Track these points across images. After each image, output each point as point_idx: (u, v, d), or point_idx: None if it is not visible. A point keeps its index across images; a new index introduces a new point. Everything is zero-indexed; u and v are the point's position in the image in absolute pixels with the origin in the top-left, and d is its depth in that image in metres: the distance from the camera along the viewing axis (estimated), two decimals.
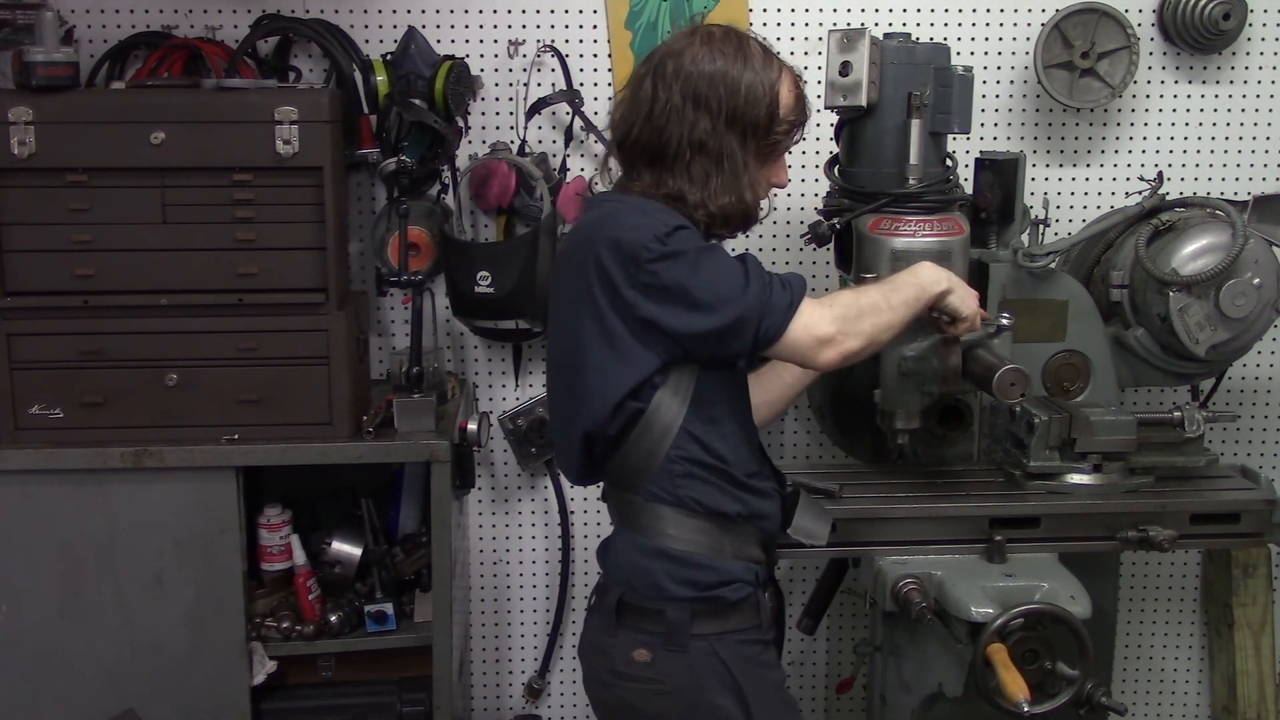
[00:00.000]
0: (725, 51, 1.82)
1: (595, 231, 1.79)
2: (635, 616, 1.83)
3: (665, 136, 1.81)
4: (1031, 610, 2.01)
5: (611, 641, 1.85)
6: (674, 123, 1.80)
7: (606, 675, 1.86)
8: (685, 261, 1.72)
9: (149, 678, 2.34)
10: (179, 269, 2.28)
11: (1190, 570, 3.01)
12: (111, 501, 2.29)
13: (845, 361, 1.82)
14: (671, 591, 1.81)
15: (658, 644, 1.81)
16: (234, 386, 2.31)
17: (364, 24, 2.65)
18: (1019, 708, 1.93)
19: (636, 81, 1.86)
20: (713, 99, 1.80)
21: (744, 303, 1.73)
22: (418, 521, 2.58)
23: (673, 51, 1.84)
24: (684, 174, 1.82)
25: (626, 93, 1.88)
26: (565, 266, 1.87)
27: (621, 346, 1.75)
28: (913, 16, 2.71)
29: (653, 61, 1.85)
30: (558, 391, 1.91)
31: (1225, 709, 2.97)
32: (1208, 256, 2.30)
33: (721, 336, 1.75)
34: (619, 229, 1.75)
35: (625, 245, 1.73)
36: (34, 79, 2.20)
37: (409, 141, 2.54)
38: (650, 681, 1.81)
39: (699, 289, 1.72)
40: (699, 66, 1.81)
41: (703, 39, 1.84)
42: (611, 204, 1.85)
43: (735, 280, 1.75)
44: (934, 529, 2.22)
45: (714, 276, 1.74)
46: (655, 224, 1.74)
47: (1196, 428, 2.34)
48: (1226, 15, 2.64)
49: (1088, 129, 2.79)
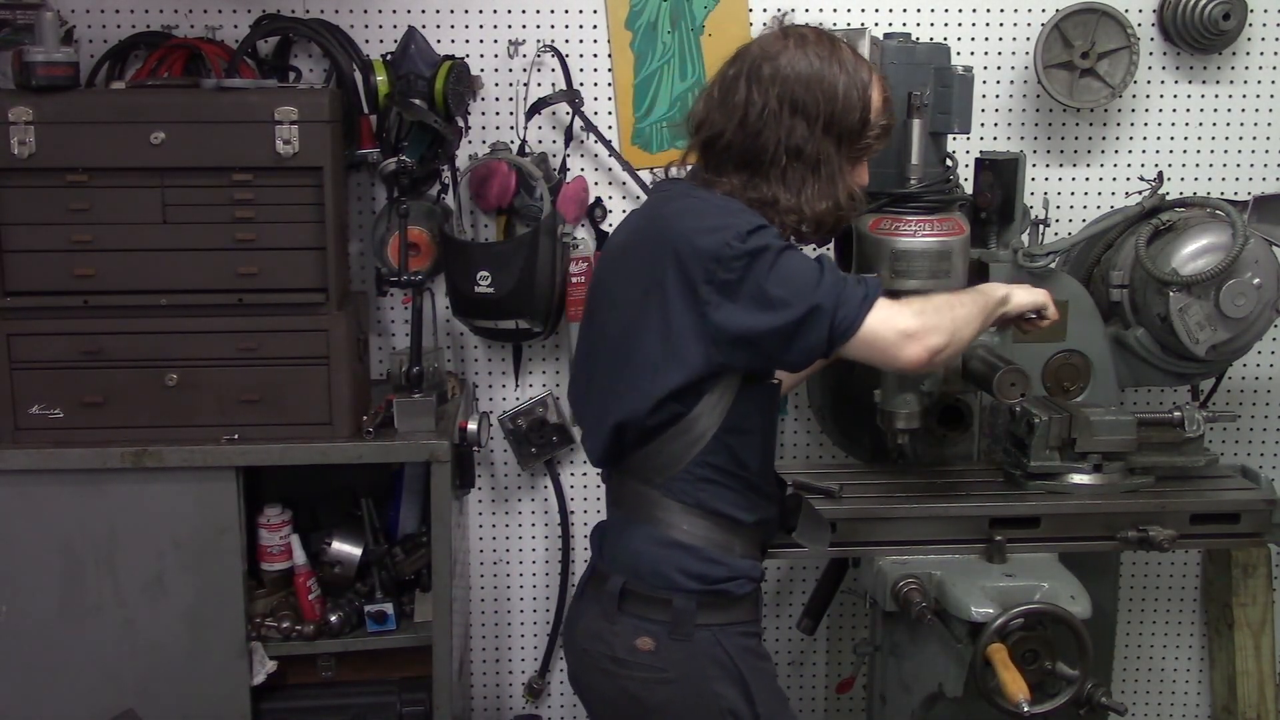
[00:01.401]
0: (821, 54, 1.81)
1: (675, 224, 1.76)
2: (639, 604, 1.82)
3: (761, 141, 1.79)
4: (1031, 610, 2.02)
5: (611, 629, 1.84)
6: (771, 128, 1.78)
7: (606, 663, 1.84)
8: (764, 261, 1.70)
9: (149, 678, 2.34)
10: (179, 269, 2.28)
11: (1190, 570, 3.01)
12: (111, 501, 2.29)
13: (932, 359, 1.76)
14: (680, 583, 1.81)
15: (662, 633, 1.80)
16: (234, 386, 2.31)
17: (364, 24, 2.65)
18: (1019, 708, 1.93)
19: (727, 82, 1.84)
20: (810, 104, 1.78)
21: (818, 295, 1.70)
22: (418, 521, 2.58)
23: (768, 54, 1.82)
24: (779, 180, 1.80)
25: (715, 92, 1.85)
26: (635, 251, 1.83)
27: (678, 345, 1.74)
28: (913, 16, 2.71)
29: (745, 62, 1.83)
30: (599, 373, 1.87)
31: (1225, 709, 2.97)
32: (1208, 256, 2.30)
33: (798, 330, 1.70)
34: (701, 226, 1.73)
35: (707, 243, 1.70)
36: (34, 79, 2.20)
37: (409, 141, 2.54)
38: (653, 670, 1.81)
39: (775, 285, 1.69)
40: (795, 70, 1.79)
41: (797, 41, 1.82)
42: (693, 199, 1.82)
43: (810, 275, 1.72)
44: (934, 529, 2.22)
45: (789, 273, 1.71)
46: (738, 223, 1.72)
47: (1196, 428, 2.34)
48: (1226, 15, 2.64)
49: (1088, 129, 2.79)
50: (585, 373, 1.94)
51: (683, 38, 2.70)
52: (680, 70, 2.71)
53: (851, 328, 1.71)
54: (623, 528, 1.89)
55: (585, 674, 1.91)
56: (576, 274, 2.67)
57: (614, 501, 1.94)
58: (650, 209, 1.91)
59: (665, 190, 1.93)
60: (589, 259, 2.70)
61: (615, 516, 1.93)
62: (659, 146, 2.74)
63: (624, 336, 1.80)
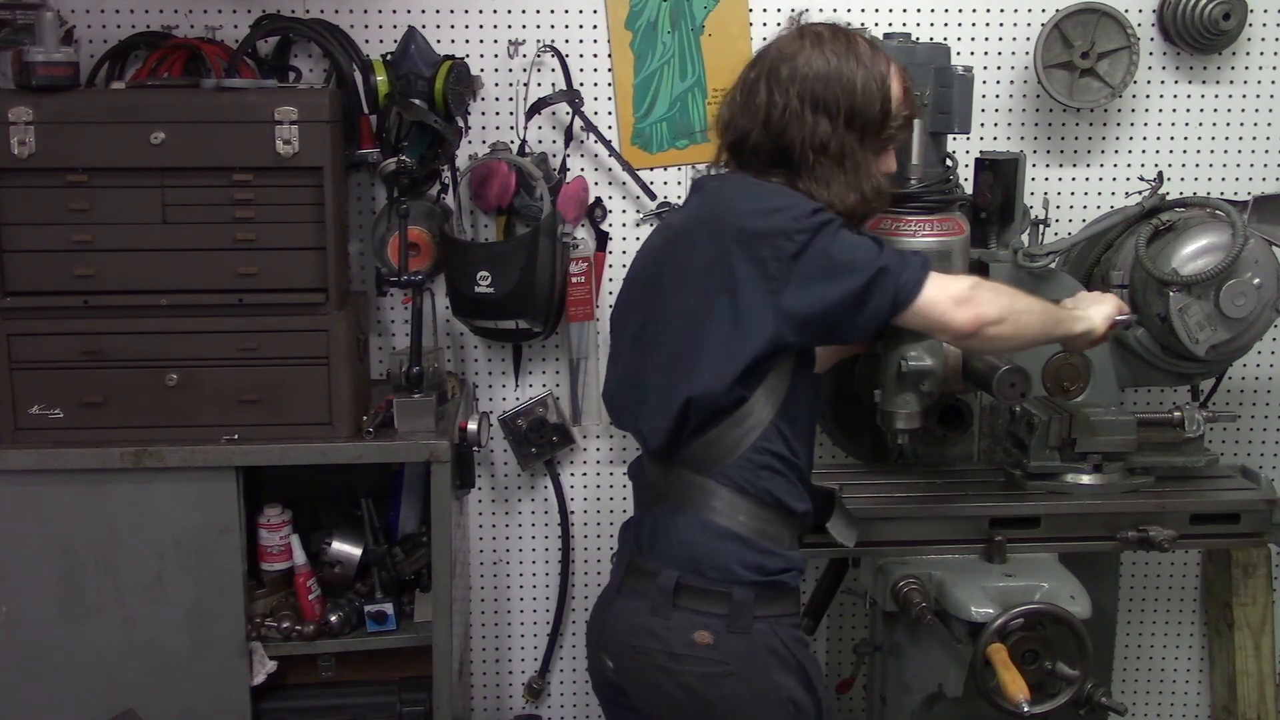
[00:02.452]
0: (837, 51, 1.85)
1: (737, 205, 1.82)
2: (694, 598, 1.81)
3: (786, 140, 1.84)
4: (1031, 610, 2.02)
5: (666, 624, 1.82)
6: (794, 127, 1.83)
7: (662, 659, 1.82)
8: (828, 232, 1.76)
9: (149, 678, 2.34)
10: (179, 269, 2.28)
11: (1190, 570, 3.01)
12: (111, 501, 2.29)
13: (982, 329, 1.81)
14: (741, 575, 1.81)
15: (719, 625, 1.80)
16: (234, 386, 2.31)
17: (364, 24, 2.65)
18: (1019, 708, 1.93)
19: (748, 85, 1.88)
20: (830, 100, 1.83)
21: (882, 259, 1.77)
22: (418, 521, 2.58)
23: (785, 55, 1.86)
24: (809, 176, 1.85)
25: (737, 96, 1.90)
26: (694, 237, 1.85)
27: (747, 324, 1.76)
28: (913, 16, 2.71)
29: (764, 65, 1.88)
30: (661, 358, 1.87)
31: (1225, 709, 2.97)
32: (1208, 256, 2.30)
33: (866, 294, 1.76)
34: (764, 206, 1.79)
35: (773, 221, 1.76)
36: (34, 79, 2.20)
37: (409, 141, 2.54)
38: (714, 663, 1.80)
39: (840, 253, 1.76)
40: (813, 68, 1.84)
41: (813, 40, 1.86)
42: (750, 184, 1.87)
43: (870, 244, 1.80)
44: (934, 529, 2.22)
45: (853, 242, 1.78)
46: (799, 201, 1.79)
47: (1196, 428, 2.34)
48: (1226, 15, 2.64)
49: (1088, 129, 2.79)
50: (638, 360, 1.92)
51: (683, 38, 2.70)
52: (680, 70, 2.71)
53: (914, 291, 1.78)
54: (671, 520, 1.87)
55: (638, 672, 1.87)
56: (576, 274, 2.68)
57: (658, 495, 1.92)
58: (703, 197, 1.93)
59: (717, 180, 1.96)
60: (589, 259, 2.70)
61: (660, 509, 1.90)
62: (659, 146, 2.74)
63: (690, 320, 1.81)
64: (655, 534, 1.89)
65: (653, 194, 2.74)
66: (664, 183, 2.75)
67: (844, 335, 1.84)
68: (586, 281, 2.69)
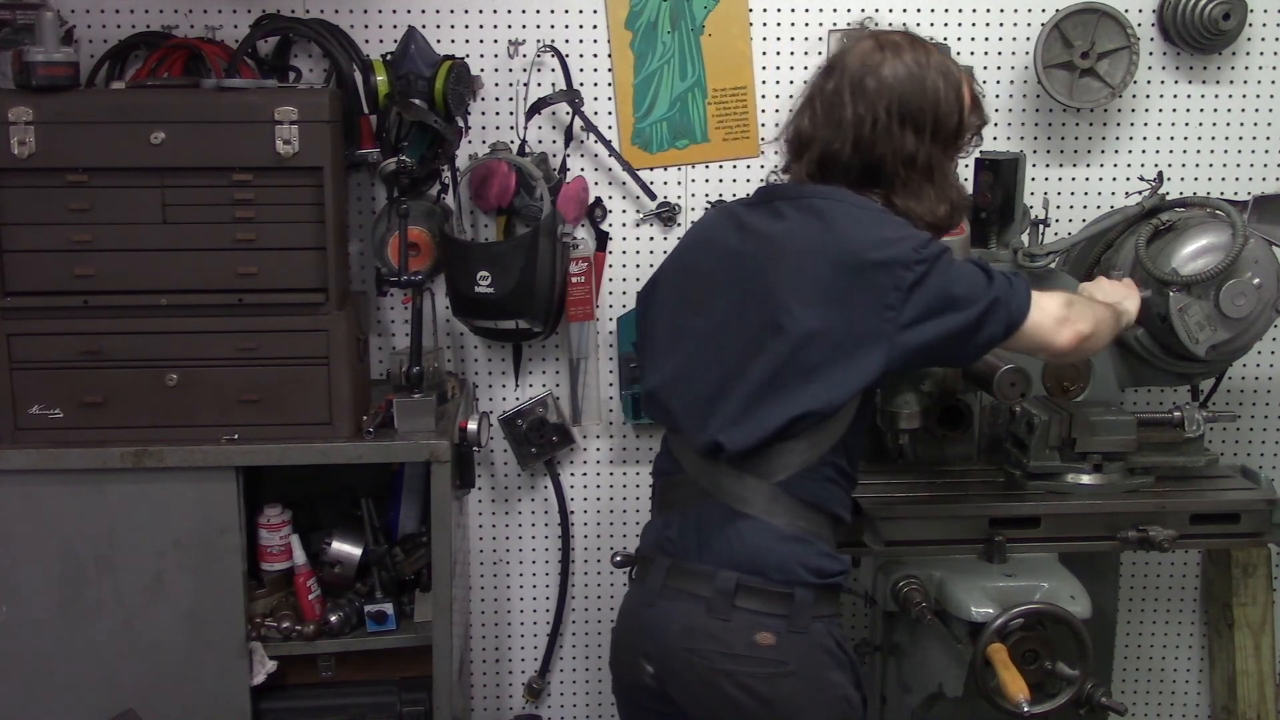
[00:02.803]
0: (919, 61, 1.85)
1: (855, 232, 1.79)
2: (755, 599, 1.80)
3: (876, 156, 1.84)
4: (1031, 610, 2.02)
5: (725, 625, 1.81)
6: (884, 142, 1.83)
7: (721, 661, 1.80)
8: (943, 267, 1.78)
9: (149, 678, 2.34)
10: (179, 269, 2.28)
11: (1190, 570, 3.01)
12: (111, 501, 2.29)
13: (1081, 345, 1.90)
14: (803, 577, 1.81)
15: (781, 626, 1.80)
16: (234, 386, 2.31)
17: (364, 24, 2.65)
18: (1019, 708, 1.93)
19: (829, 97, 1.86)
20: (918, 114, 1.83)
21: (994, 289, 1.81)
22: (418, 521, 2.58)
23: (868, 66, 1.84)
24: (903, 191, 1.86)
25: (817, 108, 1.88)
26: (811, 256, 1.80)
27: (863, 351, 1.77)
28: (913, 16, 2.71)
29: (845, 76, 1.86)
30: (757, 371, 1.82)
31: (1225, 709, 2.97)
32: (1208, 256, 2.30)
33: (981, 323, 1.80)
34: (883, 236, 1.78)
35: (890, 253, 1.75)
36: (34, 79, 2.20)
37: (409, 141, 2.54)
38: (775, 664, 1.80)
39: (957, 287, 1.78)
40: (899, 80, 1.83)
41: (893, 50, 1.86)
42: (864, 210, 1.84)
43: (980, 274, 1.83)
44: (934, 529, 2.22)
45: (966, 273, 1.81)
46: (915, 233, 1.80)
47: (1196, 428, 2.34)
48: (1226, 15, 2.64)
49: (1088, 129, 2.79)
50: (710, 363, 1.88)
51: (683, 38, 2.70)
52: (680, 70, 2.71)
53: (1023, 315, 1.84)
54: (726, 522, 1.84)
55: (691, 675, 1.83)
56: (576, 274, 2.68)
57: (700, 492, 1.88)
58: (813, 217, 1.84)
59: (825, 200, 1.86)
60: (589, 259, 2.70)
61: (707, 508, 1.87)
62: (659, 146, 2.74)
63: (800, 342, 1.78)
64: (703, 534, 1.86)
65: (653, 194, 2.74)
66: (664, 183, 2.75)
67: (951, 361, 1.89)
68: (586, 281, 2.69)
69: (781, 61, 2.72)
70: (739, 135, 2.74)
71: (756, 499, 1.83)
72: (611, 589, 2.93)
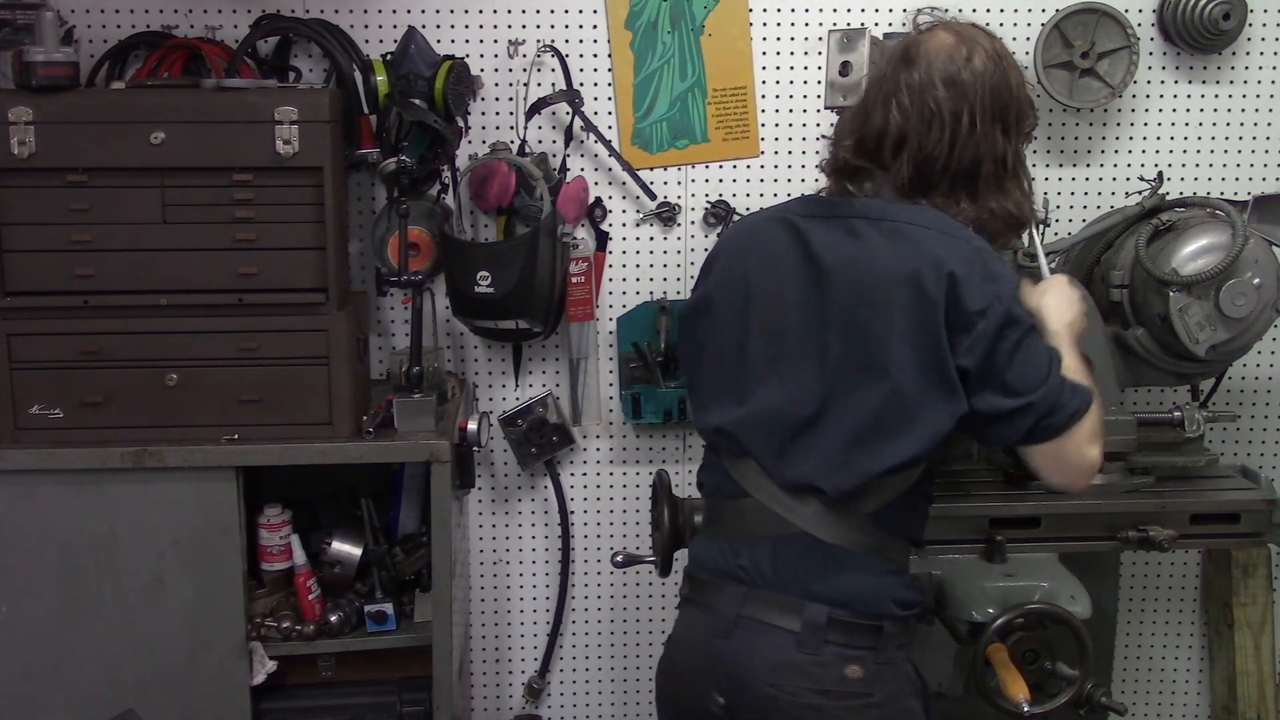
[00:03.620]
0: (1000, 53, 1.80)
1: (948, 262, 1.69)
2: (845, 633, 1.75)
3: (975, 157, 1.77)
4: (1031, 610, 2.01)
5: (815, 660, 1.75)
6: (983, 143, 1.77)
7: (811, 697, 1.74)
8: (1017, 334, 1.70)
9: (149, 678, 2.34)
10: (179, 269, 2.28)
11: (1190, 570, 3.01)
12: (111, 501, 2.29)
13: None
14: (893, 611, 1.78)
15: (869, 659, 1.76)
16: (234, 386, 2.31)
17: (364, 24, 2.65)
18: (1019, 708, 1.93)
19: (916, 93, 1.77)
20: (1005, 111, 1.79)
21: (1041, 390, 1.70)
22: (418, 521, 2.58)
23: (956, 61, 1.77)
24: (994, 190, 1.80)
25: (906, 103, 1.77)
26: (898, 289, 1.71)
27: (949, 384, 1.71)
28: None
29: (932, 69, 1.77)
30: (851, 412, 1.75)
31: (1225, 709, 2.97)
32: (1208, 256, 2.30)
33: (1005, 419, 1.72)
34: (977, 274, 1.69)
35: (977, 296, 1.68)
36: (34, 79, 2.20)
37: (409, 141, 2.54)
38: (862, 696, 1.76)
39: (1014, 370, 1.69)
40: (987, 77, 1.77)
41: (970, 44, 1.79)
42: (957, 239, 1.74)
43: (1041, 369, 1.71)
44: (934, 529, 2.21)
45: (1029, 360, 1.71)
46: (1007, 279, 1.72)
47: (1196, 428, 2.34)
48: (1226, 15, 2.64)
49: (1088, 129, 2.79)
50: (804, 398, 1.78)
51: (683, 38, 2.70)
52: (680, 70, 2.71)
53: (1048, 437, 1.73)
54: (814, 554, 1.78)
55: (777, 709, 1.76)
56: (576, 274, 2.68)
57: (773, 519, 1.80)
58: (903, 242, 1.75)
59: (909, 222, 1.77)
60: (589, 259, 2.70)
61: (784, 536, 1.80)
62: (659, 146, 2.74)
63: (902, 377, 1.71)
64: (784, 564, 1.79)
65: (653, 194, 2.74)
66: (664, 183, 2.75)
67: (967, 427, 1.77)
68: (586, 281, 2.69)
69: (781, 61, 2.72)
70: (739, 135, 2.74)
71: (845, 532, 1.78)
72: (611, 589, 2.93)
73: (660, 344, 2.73)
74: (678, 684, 1.90)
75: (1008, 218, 1.81)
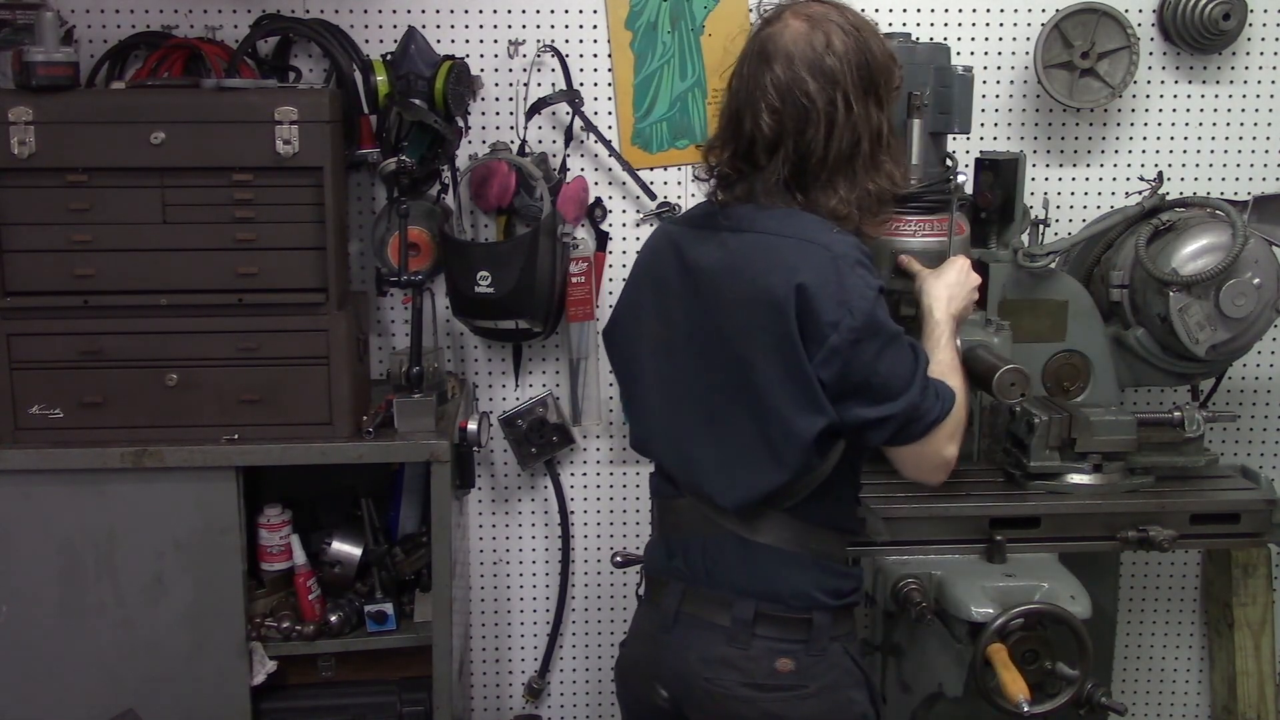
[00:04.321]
0: (856, 24, 1.74)
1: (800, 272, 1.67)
2: (774, 626, 1.79)
3: (852, 140, 1.72)
4: (1031, 610, 2.01)
5: (745, 654, 1.79)
6: (860, 125, 1.72)
7: (742, 690, 1.78)
8: (875, 346, 1.67)
9: (149, 678, 2.34)
10: (179, 269, 2.28)
11: (1190, 570, 3.01)
12: (111, 501, 2.29)
13: None
14: (821, 601, 1.80)
15: (800, 651, 1.79)
16: (234, 386, 2.31)
17: (364, 24, 2.65)
18: (1019, 708, 1.93)
19: (784, 88, 1.71)
20: (875, 83, 1.74)
21: (904, 401, 1.70)
22: (418, 521, 2.58)
23: (818, 48, 1.70)
24: (869, 169, 1.75)
25: (776, 104, 1.71)
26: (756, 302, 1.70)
27: (812, 397, 1.69)
28: (913, 16, 2.71)
29: (794, 60, 1.70)
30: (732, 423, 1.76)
31: (1225, 709, 2.97)
32: (1208, 256, 2.30)
33: (871, 427, 1.72)
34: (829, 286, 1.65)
35: (829, 309, 1.65)
36: (34, 79, 2.20)
37: (409, 141, 2.54)
38: (795, 689, 1.79)
39: (878, 380, 1.68)
40: (852, 54, 1.71)
41: (827, 22, 1.73)
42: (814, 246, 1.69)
43: (904, 377, 1.70)
44: (934, 529, 2.22)
45: (890, 370, 1.69)
46: (863, 289, 1.66)
47: (1196, 428, 2.34)
48: (1226, 15, 2.64)
49: (1088, 129, 2.79)
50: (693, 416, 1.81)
51: (683, 38, 2.70)
52: (680, 70, 2.71)
53: (910, 440, 1.74)
54: (737, 548, 1.82)
55: (713, 703, 1.81)
56: (576, 274, 2.68)
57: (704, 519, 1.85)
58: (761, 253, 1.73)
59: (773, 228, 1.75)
60: (589, 259, 2.70)
61: (715, 535, 1.84)
62: (659, 146, 2.74)
63: (752, 385, 1.72)
64: (714, 562, 1.83)
65: (653, 194, 2.74)
66: (664, 183, 2.75)
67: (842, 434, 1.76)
68: (586, 281, 2.69)
69: None
70: None
71: (766, 526, 1.81)
72: (611, 589, 2.93)
73: None
74: (629, 679, 1.97)
75: (882, 193, 1.77)
